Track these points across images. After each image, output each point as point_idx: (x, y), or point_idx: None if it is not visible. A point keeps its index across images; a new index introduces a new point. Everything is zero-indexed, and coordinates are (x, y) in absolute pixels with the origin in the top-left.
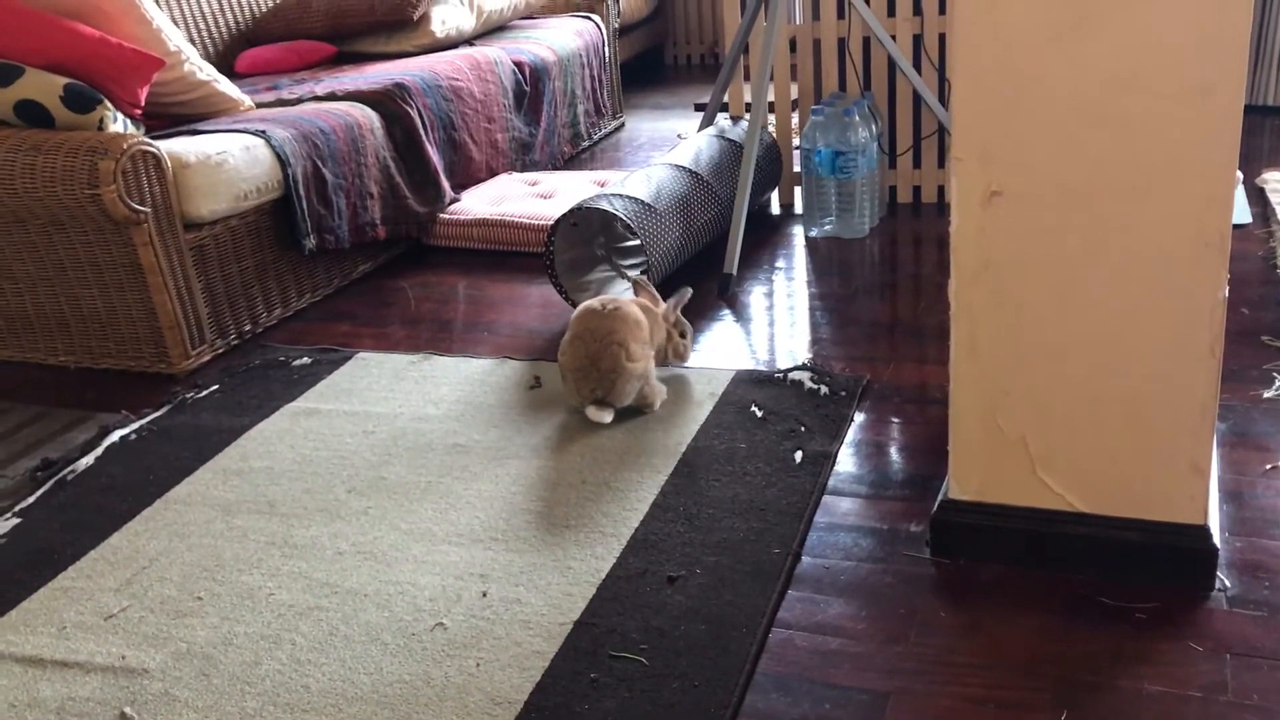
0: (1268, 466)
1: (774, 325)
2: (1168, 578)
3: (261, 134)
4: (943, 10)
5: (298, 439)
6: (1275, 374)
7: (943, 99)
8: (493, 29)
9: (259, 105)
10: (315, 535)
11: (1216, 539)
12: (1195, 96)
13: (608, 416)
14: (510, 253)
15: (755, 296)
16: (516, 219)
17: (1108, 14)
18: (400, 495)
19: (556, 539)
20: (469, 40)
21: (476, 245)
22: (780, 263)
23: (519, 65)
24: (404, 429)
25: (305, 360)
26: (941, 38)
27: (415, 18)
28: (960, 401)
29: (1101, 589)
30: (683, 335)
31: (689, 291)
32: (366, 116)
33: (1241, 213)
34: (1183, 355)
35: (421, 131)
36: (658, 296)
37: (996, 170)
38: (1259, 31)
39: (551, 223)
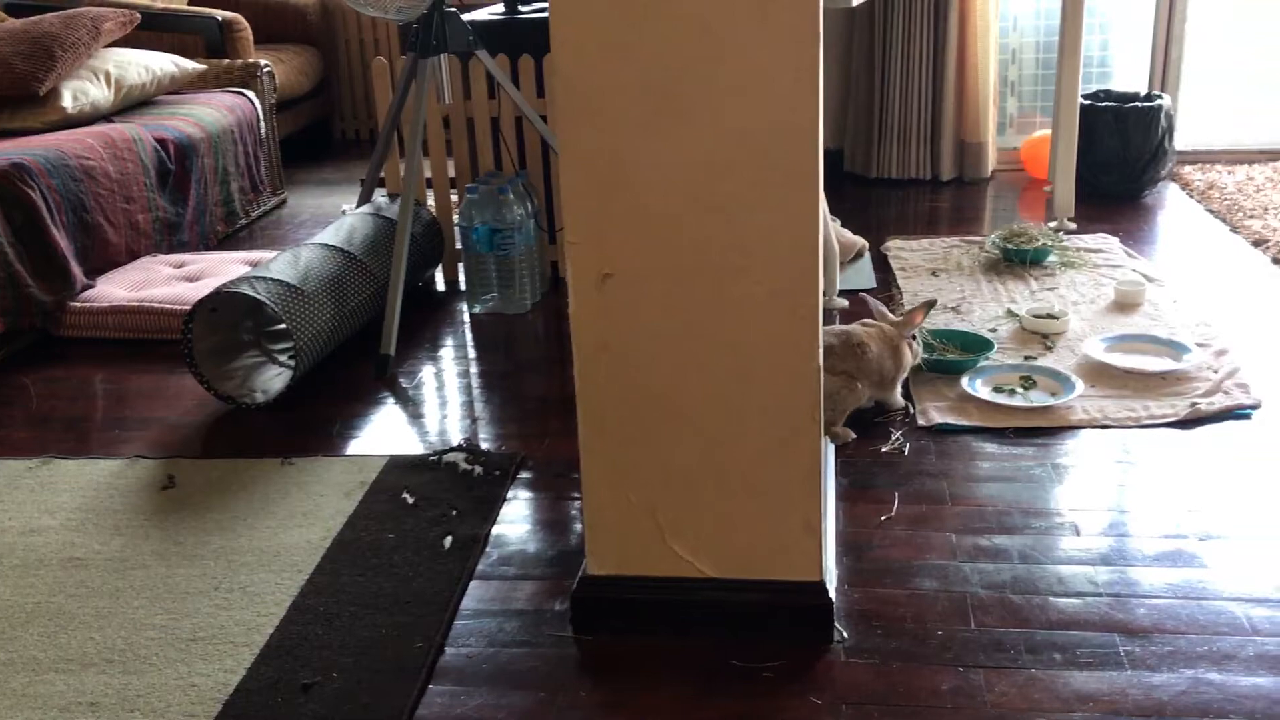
0: (883, 518)
1: (433, 406)
2: (791, 634)
3: None
4: None
5: None
6: (891, 429)
7: None
8: (134, 105)
9: None
10: None
11: (833, 592)
12: (776, 181)
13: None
14: (152, 341)
15: (415, 377)
16: (157, 304)
17: (691, 105)
18: (2, 621)
19: (181, 654)
20: (107, 116)
21: (113, 334)
22: (443, 341)
23: (162, 142)
24: (11, 544)
25: None
26: None
27: (42, 92)
28: (591, 478)
29: (734, 652)
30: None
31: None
32: None
33: (867, 278)
34: (787, 421)
35: (46, 214)
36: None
37: (608, 253)
38: (879, 109)
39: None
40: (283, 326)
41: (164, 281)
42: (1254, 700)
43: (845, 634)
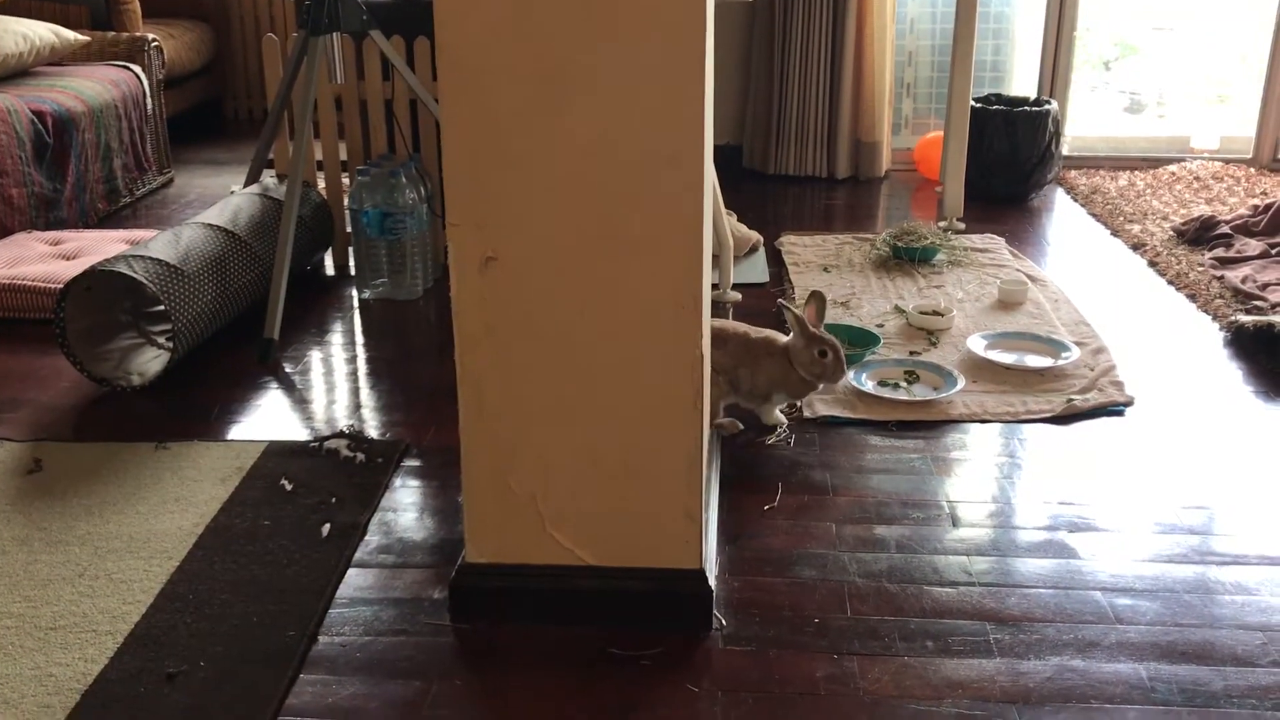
0: (766, 507)
1: (317, 392)
2: (671, 622)
3: None
4: None
5: None
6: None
7: None
8: (10, 75)
9: None
10: None
11: (713, 580)
12: (661, 169)
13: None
14: (24, 320)
15: (300, 362)
16: (29, 282)
17: (577, 87)
18: None
19: (40, 644)
20: None
21: None
22: (330, 326)
23: (39, 115)
24: None
25: None
26: None
27: None
28: (471, 465)
29: (613, 640)
30: (822, 355)
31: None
32: None
33: (760, 273)
34: (669, 409)
35: None
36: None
37: (491, 236)
38: (778, 107)
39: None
40: (161, 308)
41: (38, 259)
42: (1114, 686)
43: (724, 622)
